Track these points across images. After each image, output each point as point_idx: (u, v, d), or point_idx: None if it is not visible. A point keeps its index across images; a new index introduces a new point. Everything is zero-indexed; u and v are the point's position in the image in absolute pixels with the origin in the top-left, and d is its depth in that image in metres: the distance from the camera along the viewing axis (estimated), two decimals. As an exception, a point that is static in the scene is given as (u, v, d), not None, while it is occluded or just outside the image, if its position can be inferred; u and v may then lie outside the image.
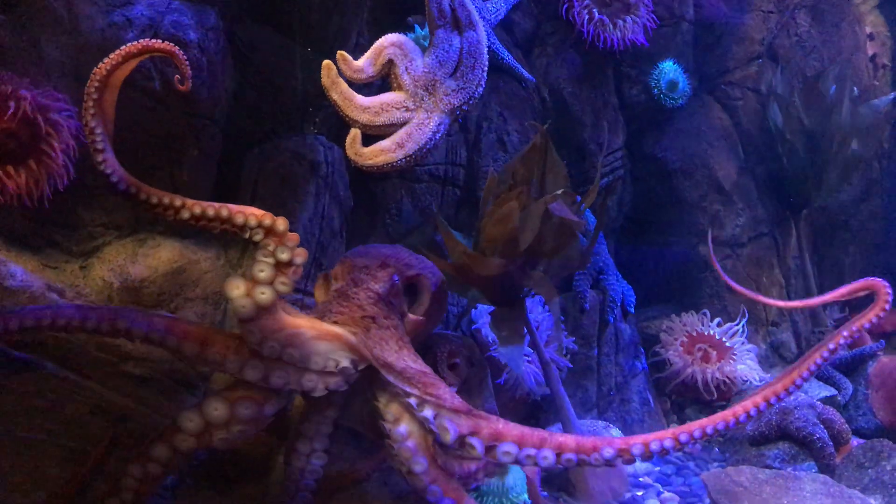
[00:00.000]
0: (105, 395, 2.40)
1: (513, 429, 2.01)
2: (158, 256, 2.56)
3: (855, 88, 4.22)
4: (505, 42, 3.56)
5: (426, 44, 2.60)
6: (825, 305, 4.48)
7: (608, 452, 1.94)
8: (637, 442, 1.94)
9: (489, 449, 2.00)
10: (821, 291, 4.47)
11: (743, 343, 3.93)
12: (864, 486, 2.89)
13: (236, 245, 2.77)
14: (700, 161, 4.18)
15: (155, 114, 2.49)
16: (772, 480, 2.73)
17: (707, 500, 2.82)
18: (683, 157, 4.17)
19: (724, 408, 3.78)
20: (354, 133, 2.46)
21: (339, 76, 2.44)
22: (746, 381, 3.80)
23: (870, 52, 4.66)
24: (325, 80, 2.43)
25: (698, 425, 1.96)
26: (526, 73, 3.57)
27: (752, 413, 1.99)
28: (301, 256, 2.04)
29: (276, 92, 2.89)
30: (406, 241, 3.25)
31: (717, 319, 4.01)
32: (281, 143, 2.86)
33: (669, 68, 4.01)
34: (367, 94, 2.53)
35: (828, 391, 3.63)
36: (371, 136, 2.47)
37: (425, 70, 2.48)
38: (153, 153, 2.53)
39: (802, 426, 3.14)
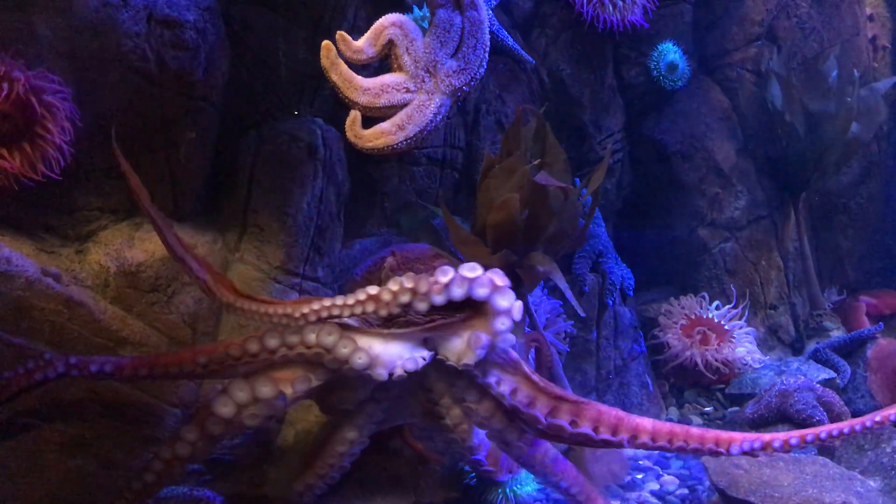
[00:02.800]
0: (102, 381, 2.38)
1: (591, 409, 2.07)
2: (155, 240, 2.53)
3: (855, 70, 4.19)
4: (504, 23, 3.53)
5: (425, 25, 2.57)
6: (823, 288, 4.48)
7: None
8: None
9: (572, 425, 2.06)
10: (819, 274, 4.47)
11: (741, 326, 3.93)
12: (864, 468, 2.89)
13: (234, 229, 2.75)
14: (699, 143, 4.16)
15: (151, 96, 2.46)
16: (772, 463, 2.73)
17: (707, 483, 2.82)
18: (682, 140, 4.15)
19: (722, 392, 3.80)
20: (354, 115, 2.43)
21: (338, 57, 2.41)
22: (746, 363, 3.80)
23: (870, 34, 4.62)
24: (324, 61, 2.40)
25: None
26: (525, 55, 3.54)
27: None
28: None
29: (271, 73, 2.86)
30: (390, 224, 3.23)
31: (715, 303, 4.01)
32: (278, 125, 2.83)
33: (669, 50, 3.97)
34: (364, 76, 2.50)
35: (827, 374, 3.63)
36: (371, 117, 2.45)
37: (426, 51, 2.45)
38: (149, 135, 2.50)
39: (802, 408, 3.14)
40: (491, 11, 3.36)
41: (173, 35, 2.44)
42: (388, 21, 2.44)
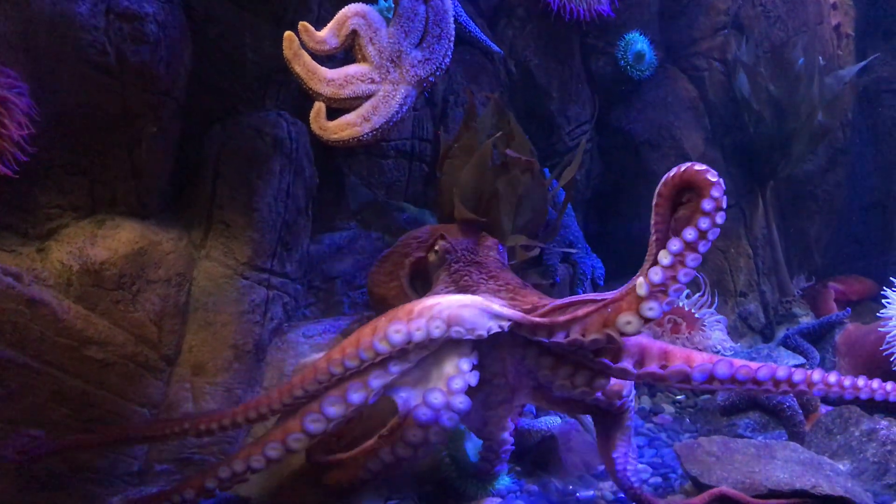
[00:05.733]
0: (66, 381, 2.35)
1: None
2: (118, 238, 2.49)
3: (820, 58, 4.23)
4: (470, 13, 3.51)
5: (390, 16, 2.55)
6: (791, 275, 4.52)
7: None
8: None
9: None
10: (788, 262, 4.51)
11: (712, 314, 3.95)
12: (833, 451, 2.92)
13: (199, 225, 2.71)
14: (667, 133, 4.17)
15: (111, 91, 2.41)
16: (743, 449, 2.74)
17: (680, 471, 2.83)
18: (651, 129, 4.16)
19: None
20: (319, 107, 2.41)
21: (301, 48, 2.39)
22: (718, 351, 3.82)
23: (833, 22, 4.67)
24: (287, 53, 2.37)
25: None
26: (493, 45, 3.53)
27: None
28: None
29: (235, 66, 2.82)
30: (359, 219, 3.21)
31: (685, 291, 4.03)
32: (243, 119, 2.80)
33: (636, 39, 3.98)
34: (330, 67, 2.47)
35: (797, 359, 3.66)
36: (336, 109, 2.42)
37: (390, 41, 2.43)
38: (110, 132, 2.46)
39: (772, 395, 3.16)
40: (458, 1, 3.34)
41: (133, 28, 2.39)
42: (350, 11, 2.41)
